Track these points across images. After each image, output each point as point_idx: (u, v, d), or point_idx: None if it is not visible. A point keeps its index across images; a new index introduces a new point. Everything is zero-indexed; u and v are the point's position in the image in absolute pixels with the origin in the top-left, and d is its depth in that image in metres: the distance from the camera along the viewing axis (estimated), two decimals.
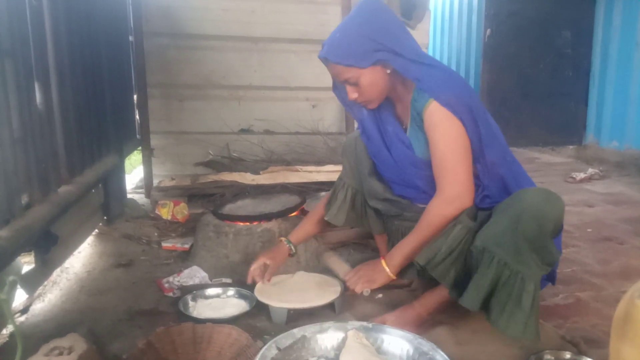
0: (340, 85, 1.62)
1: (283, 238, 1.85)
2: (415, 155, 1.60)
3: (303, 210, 2.36)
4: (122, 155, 2.90)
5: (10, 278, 1.16)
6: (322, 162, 3.47)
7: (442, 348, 1.28)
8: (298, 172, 3.29)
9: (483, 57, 5.32)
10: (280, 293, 1.71)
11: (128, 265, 2.16)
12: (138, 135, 3.42)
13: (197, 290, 1.82)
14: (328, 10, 3.61)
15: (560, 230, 1.45)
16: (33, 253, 1.75)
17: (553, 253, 1.38)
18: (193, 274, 1.99)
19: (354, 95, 1.56)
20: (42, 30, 1.75)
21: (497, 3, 5.13)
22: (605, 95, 4.97)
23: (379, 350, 1.35)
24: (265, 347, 1.28)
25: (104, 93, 2.53)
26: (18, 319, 1.71)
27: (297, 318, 1.63)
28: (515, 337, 1.36)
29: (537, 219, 1.33)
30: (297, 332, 1.35)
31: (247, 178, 3.15)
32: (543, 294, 1.79)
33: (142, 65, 3.25)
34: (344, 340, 1.36)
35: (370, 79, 1.52)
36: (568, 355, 1.40)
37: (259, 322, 1.65)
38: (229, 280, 1.98)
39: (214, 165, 3.50)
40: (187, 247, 2.32)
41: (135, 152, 3.68)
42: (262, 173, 3.23)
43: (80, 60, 2.13)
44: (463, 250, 1.47)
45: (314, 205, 2.08)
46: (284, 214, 2.21)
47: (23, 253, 1.71)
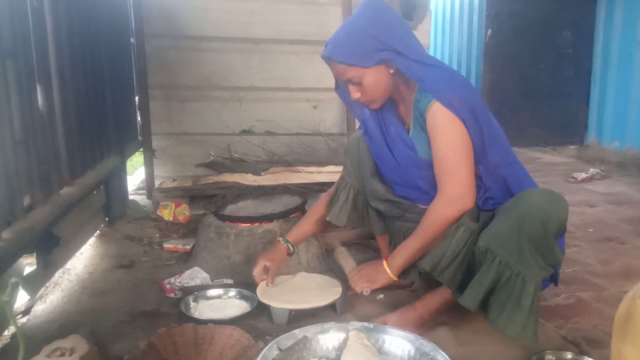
0: (343, 85, 1.61)
1: (281, 238, 1.85)
2: (418, 156, 1.60)
3: (304, 211, 2.35)
4: (123, 157, 2.90)
5: (12, 279, 1.16)
6: (323, 162, 3.47)
7: (443, 349, 1.28)
8: (299, 173, 3.29)
9: (484, 57, 5.31)
10: (282, 294, 1.71)
11: (129, 267, 2.16)
12: (139, 137, 3.42)
13: (198, 291, 1.82)
14: (328, 11, 3.61)
15: (564, 232, 1.45)
16: (35, 254, 1.76)
17: (557, 254, 1.38)
18: (194, 275, 1.99)
19: (357, 95, 1.55)
20: (43, 32, 1.75)
21: (498, 3, 5.12)
22: (607, 95, 4.96)
23: (381, 351, 1.35)
24: (267, 347, 1.28)
25: (105, 94, 2.53)
26: (20, 320, 1.72)
27: (298, 319, 1.63)
28: (514, 336, 1.37)
29: (541, 220, 1.32)
30: (298, 332, 1.36)
31: (248, 179, 3.15)
32: (544, 294, 1.79)
33: (143, 67, 3.25)
34: (346, 341, 1.36)
35: (374, 79, 1.51)
36: (569, 356, 1.40)
37: (261, 322, 1.65)
38: (230, 281, 1.98)
39: (215, 166, 3.50)
40: (188, 248, 2.32)
41: (137, 153, 3.68)
42: (263, 174, 3.23)
43: (82, 62, 2.13)
44: (467, 253, 1.46)
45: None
46: (286, 215, 2.21)
47: (25, 254, 1.71)
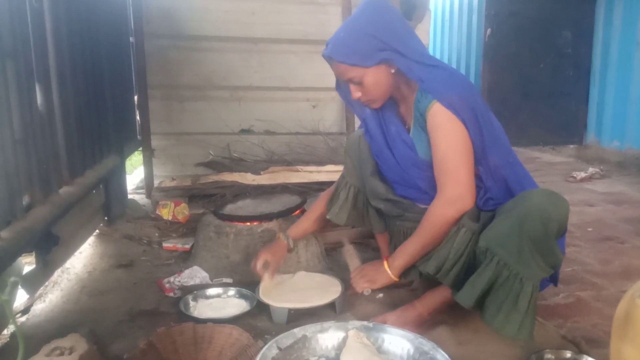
0: (344, 84, 1.61)
1: (281, 233, 1.85)
2: (418, 157, 1.59)
3: (303, 211, 2.35)
4: (122, 156, 2.90)
5: (12, 279, 1.16)
6: (322, 162, 3.47)
7: (442, 348, 1.28)
8: (299, 172, 3.29)
9: (483, 57, 5.31)
10: (281, 293, 1.71)
11: (129, 266, 2.16)
12: (139, 136, 3.42)
13: (197, 291, 1.82)
14: (328, 11, 3.61)
15: (565, 232, 1.45)
16: (34, 254, 1.76)
17: (557, 255, 1.37)
18: (194, 274, 1.99)
19: (358, 95, 1.55)
20: (43, 32, 1.75)
21: (497, 3, 5.12)
22: (606, 95, 4.97)
23: (380, 350, 1.35)
24: (266, 346, 1.28)
25: (105, 94, 2.53)
26: (19, 320, 1.72)
27: (297, 318, 1.63)
28: (509, 336, 1.37)
29: (542, 220, 1.32)
30: (297, 331, 1.36)
31: (247, 178, 3.15)
32: (544, 294, 1.79)
33: (142, 67, 3.25)
34: (345, 340, 1.36)
35: (374, 79, 1.50)
36: (569, 355, 1.40)
37: (260, 322, 1.65)
38: (230, 280, 1.98)
39: (215, 166, 3.50)
40: (187, 247, 2.32)
41: (136, 152, 3.68)
42: (262, 173, 3.23)
43: (81, 62, 2.13)
44: (470, 254, 1.46)
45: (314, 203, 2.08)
46: (285, 214, 2.21)
47: (24, 254, 1.71)
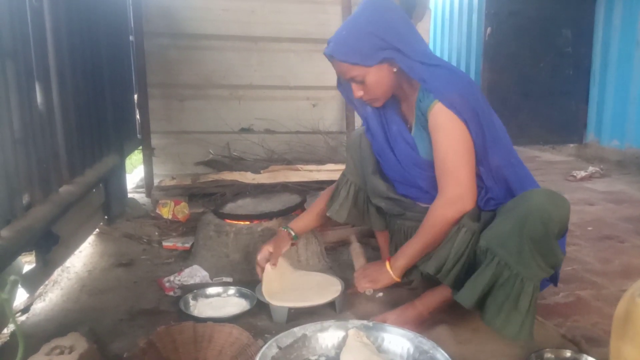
0: (346, 83, 1.60)
1: (282, 227, 1.85)
2: (419, 156, 1.59)
3: (303, 209, 2.35)
4: (122, 155, 2.90)
5: (12, 277, 1.16)
6: (322, 161, 3.47)
7: (442, 347, 1.28)
8: (299, 171, 3.29)
9: (483, 56, 5.31)
10: (281, 292, 1.71)
11: (129, 265, 2.16)
12: (139, 135, 3.42)
13: (197, 290, 1.82)
14: (328, 10, 3.61)
15: (565, 232, 1.44)
16: (34, 253, 1.76)
17: (557, 255, 1.37)
18: (194, 273, 1.99)
19: (360, 94, 1.54)
20: (42, 31, 1.75)
21: (497, 2, 5.12)
22: (606, 94, 4.96)
23: (380, 349, 1.35)
24: (266, 345, 1.28)
25: (105, 93, 2.53)
26: (19, 318, 1.72)
27: (297, 317, 1.63)
28: (510, 337, 1.37)
29: (542, 220, 1.32)
30: (297, 330, 1.36)
31: (247, 177, 3.15)
32: (543, 293, 1.79)
33: (142, 65, 3.25)
34: (345, 339, 1.36)
35: (376, 78, 1.49)
36: (569, 354, 1.40)
37: (260, 321, 1.65)
38: (230, 280, 1.98)
39: (215, 165, 3.50)
40: (187, 246, 2.32)
41: (136, 151, 3.68)
42: (262, 172, 3.23)
43: (81, 61, 2.13)
44: (470, 254, 1.46)
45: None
46: (285, 213, 2.21)
47: (24, 253, 1.71)
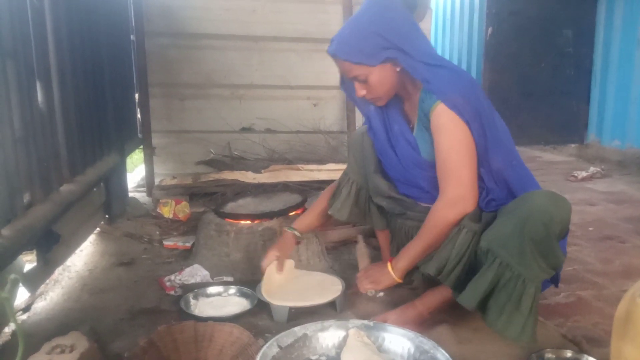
0: (349, 81, 1.59)
1: (286, 227, 1.85)
2: (420, 157, 1.59)
3: (304, 209, 2.35)
4: (123, 154, 2.90)
5: (12, 276, 1.16)
6: (323, 160, 3.47)
7: (443, 347, 1.28)
8: (299, 170, 3.29)
9: (484, 56, 5.30)
10: (282, 291, 1.71)
11: (130, 264, 2.16)
12: (139, 134, 3.42)
13: (198, 289, 1.82)
14: (328, 9, 3.60)
15: (567, 234, 1.44)
16: (35, 252, 1.76)
17: (558, 256, 1.37)
18: (194, 273, 1.99)
19: (362, 93, 1.54)
20: (43, 30, 1.75)
21: (498, 2, 5.11)
22: (607, 94, 4.96)
23: (380, 349, 1.35)
24: (267, 345, 1.28)
25: (105, 92, 2.53)
26: (20, 318, 1.71)
27: (298, 316, 1.63)
28: (512, 338, 1.36)
29: (543, 221, 1.32)
30: (298, 330, 1.36)
31: (248, 177, 3.15)
32: (544, 293, 1.78)
33: (143, 65, 3.26)
34: (345, 339, 1.36)
35: (379, 77, 1.49)
36: (569, 354, 1.40)
37: (261, 320, 1.65)
38: (231, 279, 1.99)
39: (216, 164, 3.50)
40: (188, 245, 2.32)
41: (137, 151, 3.68)
42: (263, 172, 3.23)
43: (82, 60, 2.13)
44: (471, 254, 1.46)
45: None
46: (286, 213, 2.21)
47: (25, 252, 1.71)
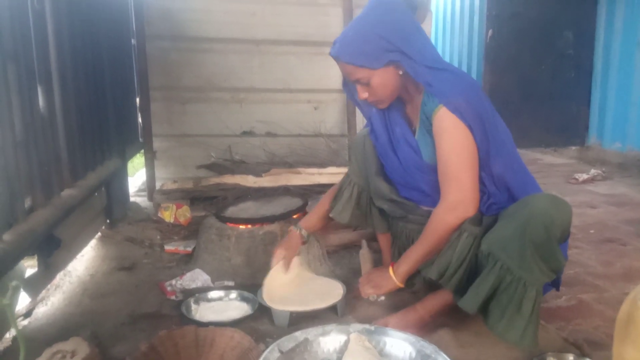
0: (351, 84, 1.59)
1: (292, 226, 1.85)
2: (422, 160, 1.58)
3: (305, 213, 2.35)
4: (124, 159, 2.90)
5: (13, 282, 1.16)
6: (324, 164, 3.46)
7: (444, 350, 1.28)
8: (300, 174, 3.28)
9: (485, 58, 5.31)
10: (283, 296, 1.71)
11: (131, 269, 2.16)
12: (140, 138, 3.43)
13: (199, 293, 1.82)
14: (329, 12, 3.60)
15: (567, 237, 1.44)
16: (36, 257, 1.76)
17: (559, 259, 1.37)
18: (195, 277, 1.99)
19: (365, 95, 1.54)
20: (44, 34, 1.75)
21: (498, 4, 5.12)
22: (608, 97, 4.96)
23: (382, 353, 1.35)
24: (268, 350, 1.28)
25: (106, 96, 2.54)
26: (21, 323, 1.71)
27: (299, 321, 1.63)
28: (513, 342, 1.36)
29: (544, 225, 1.32)
30: (299, 335, 1.36)
31: (249, 180, 3.15)
32: (546, 297, 1.78)
33: (144, 69, 3.25)
34: (347, 343, 1.36)
35: (382, 80, 1.49)
36: (571, 357, 1.40)
37: (262, 325, 1.65)
38: (231, 283, 1.98)
39: (216, 168, 3.50)
40: (189, 250, 2.32)
41: (138, 155, 3.68)
42: (264, 175, 3.23)
43: (83, 64, 2.14)
44: (472, 258, 1.46)
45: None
46: (287, 217, 2.21)
47: (26, 257, 1.71)
